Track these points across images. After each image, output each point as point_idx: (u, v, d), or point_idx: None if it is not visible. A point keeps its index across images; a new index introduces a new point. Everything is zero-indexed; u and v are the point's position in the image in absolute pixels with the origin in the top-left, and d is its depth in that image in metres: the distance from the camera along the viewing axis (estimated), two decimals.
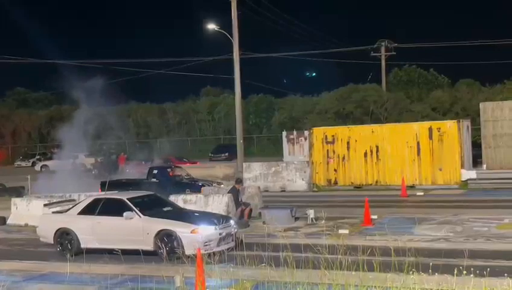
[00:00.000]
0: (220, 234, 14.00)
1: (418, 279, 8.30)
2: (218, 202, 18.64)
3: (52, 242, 15.37)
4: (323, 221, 18.21)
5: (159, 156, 32.13)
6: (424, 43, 56.23)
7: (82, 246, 14.81)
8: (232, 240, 14.35)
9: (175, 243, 13.64)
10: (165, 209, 15.35)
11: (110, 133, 29.09)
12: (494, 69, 78.82)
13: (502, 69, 78.51)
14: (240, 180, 20.41)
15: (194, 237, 13.58)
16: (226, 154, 48.73)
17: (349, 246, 10.64)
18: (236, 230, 14.85)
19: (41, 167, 49.38)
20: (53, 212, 17.00)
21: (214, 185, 24.82)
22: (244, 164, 32.18)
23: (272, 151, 45.40)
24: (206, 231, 13.86)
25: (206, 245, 13.46)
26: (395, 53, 53.42)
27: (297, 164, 30.20)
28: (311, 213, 18.54)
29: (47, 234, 15.58)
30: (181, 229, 13.78)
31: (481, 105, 30.06)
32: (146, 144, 28.67)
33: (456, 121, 28.37)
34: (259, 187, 22.88)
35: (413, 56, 77.06)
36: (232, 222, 14.99)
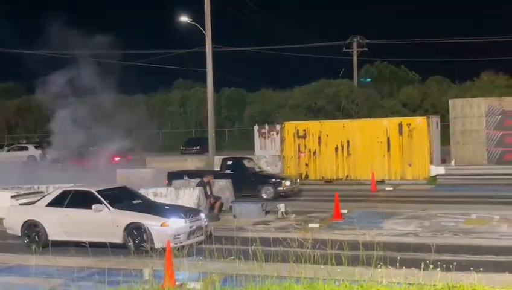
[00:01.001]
0: (190, 227, 13.94)
1: (386, 273, 8.39)
2: (189, 195, 18.55)
3: (20, 234, 15.15)
4: (294, 215, 18.33)
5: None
6: (395, 40, 56.68)
7: (50, 238, 14.62)
8: (202, 234, 14.31)
9: (144, 236, 13.55)
10: (134, 202, 15.24)
11: (79, 124, 28.69)
12: (464, 66, 79.93)
13: (471, 67, 79.62)
14: (208, 173, 20.28)
15: (164, 230, 13.51)
16: (198, 147, 48.47)
17: (318, 240, 10.69)
18: (206, 223, 14.82)
19: None
20: (20, 204, 16.75)
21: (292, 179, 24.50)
22: (215, 157, 32.11)
23: (244, 145, 45.35)
24: (176, 224, 13.79)
25: (176, 238, 13.41)
26: (367, 49, 53.76)
27: (268, 158, 30.27)
28: (281, 207, 18.60)
29: (14, 226, 15.34)
30: (151, 222, 13.69)
31: (450, 102, 30.45)
32: (116, 136, 28.35)
33: (425, 117, 28.70)
34: (230, 181, 22.83)
35: (384, 52, 77.73)
36: (202, 215, 14.96)
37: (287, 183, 23.63)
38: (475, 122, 28.79)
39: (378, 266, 8.63)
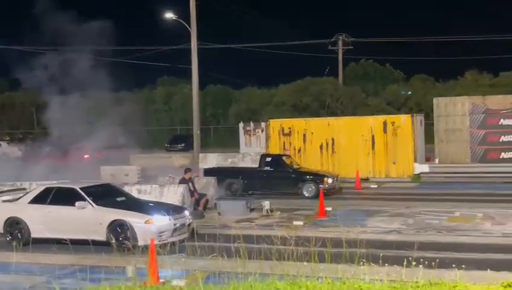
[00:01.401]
0: (174, 224, 13.88)
1: (369, 270, 8.39)
2: (173, 193, 18.45)
3: (2, 231, 14.98)
4: (279, 212, 18.33)
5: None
6: (380, 38, 56.78)
7: (33, 235, 14.51)
8: (187, 231, 14.26)
9: (128, 234, 13.47)
10: (118, 199, 15.13)
11: (61, 121, 28.38)
12: (448, 65, 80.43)
13: (455, 66, 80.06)
14: (188, 170, 20.15)
15: (148, 227, 13.45)
16: (183, 144, 48.41)
17: (302, 237, 10.69)
18: (191, 221, 14.76)
19: None
20: (3, 201, 16.55)
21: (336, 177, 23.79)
22: (200, 154, 31.98)
23: (229, 143, 45.30)
24: (160, 221, 13.73)
25: (160, 236, 13.34)
26: (352, 47, 53.75)
27: (253, 156, 30.15)
28: (266, 204, 18.57)
29: None
30: (135, 220, 13.62)
31: (435, 100, 30.58)
32: (100, 133, 28.12)
33: (410, 115, 28.86)
34: (215, 178, 22.75)
35: (370, 51, 77.89)
36: (186, 212, 14.91)
37: (329, 180, 22.95)
38: (459, 120, 28.96)
39: (361, 263, 8.64)
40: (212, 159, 30.24)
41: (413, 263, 8.56)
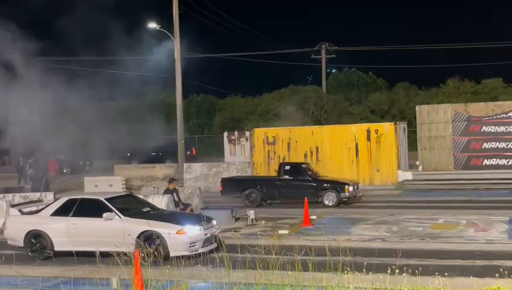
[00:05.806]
0: (205, 234, 13.60)
1: (353, 278, 8.41)
2: (157, 203, 18.34)
3: (22, 245, 14.43)
4: (264, 221, 18.34)
5: None
6: (363, 47, 57.24)
7: (56, 248, 14.04)
8: (215, 241, 13.98)
9: (159, 245, 12.91)
10: (144, 209, 14.83)
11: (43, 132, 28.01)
12: (430, 73, 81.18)
13: (437, 73, 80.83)
14: (172, 180, 20.08)
15: (180, 237, 13.09)
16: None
17: (287, 246, 10.70)
18: (218, 231, 14.53)
19: None
20: (23, 214, 15.97)
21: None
22: (184, 164, 31.98)
23: (213, 152, 45.27)
24: (192, 231, 13.38)
25: (192, 246, 13.10)
26: (335, 56, 54.12)
27: (238, 165, 30.20)
28: (251, 214, 18.56)
29: (16, 236, 14.65)
30: (166, 230, 13.18)
31: (417, 108, 30.79)
32: (83, 143, 27.88)
33: (393, 123, 29.01)
34: (199, 188, 22.73)
35: (353, 59, 78.51)
36: (214, 222, 14.55)
37: (350, 188, 22.43)
38: (441, 128, 29.17)
39: (346, 271, 8.66)
40: (197, 169, 30.26)
41: (397, 271, 8.60)
